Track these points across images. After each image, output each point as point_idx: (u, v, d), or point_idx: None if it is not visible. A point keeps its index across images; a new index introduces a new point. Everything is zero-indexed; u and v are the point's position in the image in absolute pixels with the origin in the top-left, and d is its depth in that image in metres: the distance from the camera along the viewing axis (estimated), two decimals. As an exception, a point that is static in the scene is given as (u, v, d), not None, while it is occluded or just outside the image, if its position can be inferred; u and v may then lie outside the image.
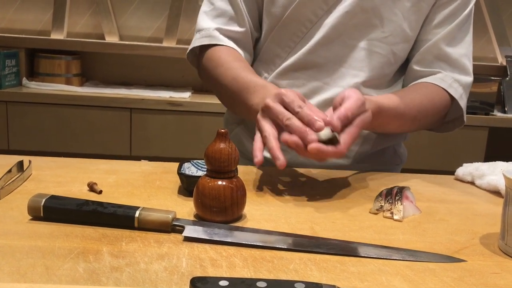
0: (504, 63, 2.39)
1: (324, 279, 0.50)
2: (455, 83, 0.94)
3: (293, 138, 0.69)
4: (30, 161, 0.79)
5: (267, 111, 0.73)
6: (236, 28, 0.96)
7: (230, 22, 0.96)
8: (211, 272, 0.50)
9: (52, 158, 0.87)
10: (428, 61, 0.95)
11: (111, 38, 2.39)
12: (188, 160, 0.79)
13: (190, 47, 0.98)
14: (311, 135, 0.68)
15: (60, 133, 2.12)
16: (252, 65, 1.00)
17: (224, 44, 0.94)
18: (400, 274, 0.52)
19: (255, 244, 0.56)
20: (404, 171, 0.96)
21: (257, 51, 1.01)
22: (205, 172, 0.64)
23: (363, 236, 0.62)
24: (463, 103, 0.95)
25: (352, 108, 0.70)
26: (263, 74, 0.99)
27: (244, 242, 0.56)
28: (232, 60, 0.91)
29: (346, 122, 0.70)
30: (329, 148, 0.68)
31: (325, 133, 0.68)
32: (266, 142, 0.71)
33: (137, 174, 0.81)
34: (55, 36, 2.34)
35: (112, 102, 2.11)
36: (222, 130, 0.63)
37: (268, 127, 0.72)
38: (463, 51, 0.95)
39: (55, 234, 0.56)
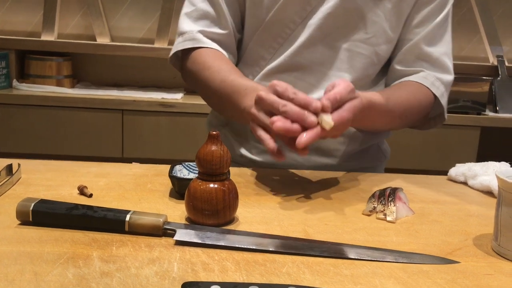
0: (495, 63, 2.40)
1: (317, 283, 0.49)
2: (437, 81, 0.95)
3: (288, 125, 0.68)
4: (19, 165, 0.78)
5: (261, 103, 0.72)
6: (219, 30, 0.95)
7: (212, 24, 0.95)
8: (203, 277, 0.49)
9: (42, 161, 0.86)
10: (409, 60, 0.96)
11: (102, 39, 2.37)
12: (180, 162, 0.78)
13: (173, 50, 0.97)
14: (310, 117, 0.68)
15: (51, 135, 2.10)
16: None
17: (209, 46, 0.93)
18: (394, 276, 0.52)
19: (247, 247, 0.56)
20: (396, 171, 0.96)
21: (240, 53, 1.00)
22: (197, 175, 0.63)
23: (356, 238, 0.61)
24: (444, 101, 0.97)
25: (341, 92, 0.71)
26: (248, 76, 0.98)
27: (236, 246, 0.56)
28: (219, 63, 0.90)
29: (336, 105, 0.70)
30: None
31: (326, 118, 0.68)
32: (271, 130, 0.70)
33: (128, 177, 0.80)
34: (45, 37, 2.32)
35: (104, 104, 2.10)
36: (214, 132, 0.62)
37: (265, 117, 0.71)
38: (443, 50, 0.97)
39: (44, 239, 0.56)
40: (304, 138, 0.67)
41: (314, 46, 0.92)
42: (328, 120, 0.68)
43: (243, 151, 1.00)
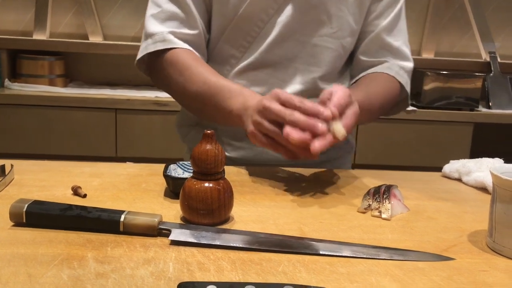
0: (488, 59, 2.41)
1: (313, 281, 0.49)
2: (401, 70, 1.00)
3: (303, 136, 0.69)
4: (12, 165, 0.77)
5: (266, 112, 0.72)
6: (189, 30, 0.94)
7: (182, 25, 0.93)
8: (198, 277, 0.49)
9: (35, 162, 0.86)
10: (373, 51, 1.01)
11: (95, 38, 2.36)
12: (174, 161, 0.78)
13: (143, 53, 0.94)
14: (321, 125, 0.69)
15: (44, 135, 2.09)
16: None
17: (181, 47, 0.92)
18: (390, 274, 0.52)
19: (243, 246, 0.56)
20: (390, 168, 0.96)
21: (208, 53, 1.00)
22: (191, 174, 0.63)
23: (352, 235, 0.61)
24: (408, 88, 1.02)
25: (344, 98, 0.73)
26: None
27: (232, 245, 0.56)
28: (196, 64, 0.90)
29: (341, 111, 0.72)
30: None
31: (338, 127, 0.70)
32: (280, 139, 0.71)
33: (122, 177, 0.80)
34: (37, 36, 2.31)
35: (97, 103, 2.08)
36: (209, 131, 0.62)
37: (270, 126, 0.72)
38: (402, 39, 1.02)
39: (38, 240, 0.55)
40: (317, 146, 0.68)
41: (283, 43, 0.94)
42: (340, 128, 0.70)
43: None
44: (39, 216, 0.58)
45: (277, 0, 0.92)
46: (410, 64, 1.02)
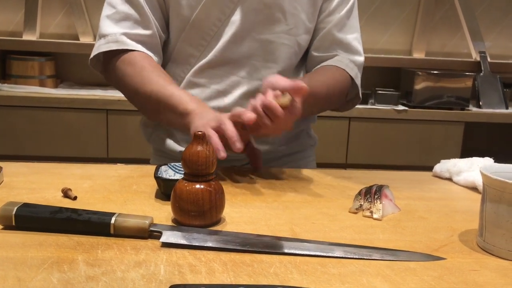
0: (478, 59, 2.42)
1: (305, 282, 0.49)
2: (351, 63, 1.03)
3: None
4: (1, 167, 0.76)
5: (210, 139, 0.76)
6: (142, 31, 0.95)
7: (135, 26, 0.95)
8: (190, 279, 0.49)
9: (25, 164, 0.85)
10: (325, 46, 1.04)
11: (86, 39, 2.35)
12: (165, 163, 0.77)
13: (95, 52, 0.96)
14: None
15: (34, 137, 2.07)
16: (165, 67, 1.02)
17: (134, 48, 0.94)
18: (381, 274, 0.52)
19: (234, 248, 0.55)
20: (381, 168, 0.97)
21: (169, 53, 1.02)
22: (183, 175, 0.63)
23: (343, 236, 0.61)
24: (358, 81, 1.04)
25: (279, 78, 0.80)
26: (180, 74, 1.00)
27: (223, 246, 0.56)
28: (149, 69, 0.92)
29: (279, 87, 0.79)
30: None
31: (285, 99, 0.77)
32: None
33: (113, 179, 0.79)
34: (27, 37, 2.29)
35: (88, 104, 2.07)
36: (199, 133, 0.62)
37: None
38: (354, 35, 1.05)
39: (28, 243, 0.55)
40: (249, 116, 0.76)
41: (241, 41, 0.96)
42: (286, 97, 0.77)
43: (184, 148, 1.02)
44: (28, 219, 0.58)
45: (232, 0, 0.94)
46: (361, 58, 1.05)
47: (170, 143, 1.03)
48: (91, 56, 0.98)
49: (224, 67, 0.97)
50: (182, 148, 1.03)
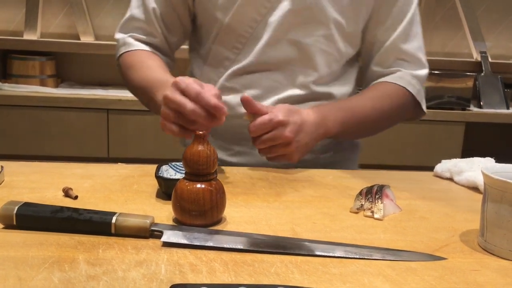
0: (479, 59, 2.42)
1: (306, 282, 0.49)
2: (413, 79, 0.99)
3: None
4: (2, 167, 0.76)
5: (169, 103, 0.73)
6: (147, 38, 0.99)
7: (142, 31, 0.99)
8: (191, 278, 0.49)
9: (26, 163, 0.85)
10: (389, 61, 0.99)
11: (86, 38, 2.35)
12: (166, 162, 0.77)
13: (116, 59, 1.01)
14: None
15: (35, 136, 2.07)
16: (201, 72, 1.01)
17: (138, 48, 0.97)
18: (382, 274, 0.52)
19: (235, 247, 0.55)
20: (382, 167, 0.96)
21: (204, 56, 1.00)
22: (183, 175, 0.63)
23: (344, 236, 0.61)
24: (420, 97, 1.00)
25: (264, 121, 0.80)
26: (214, 78, 0.98)
27: (224, 246, 0.55)
28: (142, 61, 0.94)
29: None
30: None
31: None
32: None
33: (114, 178, 0.79)
34: (28, 36, 2.29)
35: (88, 103, 2.07)
36: (200, 132, 0.62)
37: (178, 116, 0.73)
38: (417, 44, 1.00)
39: (29, 243, 0.55)
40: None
41: (278, 44, 0.93)
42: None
43: (218, 154, 1.01)
44: (29, 218, 0.58)
45: None
46: (424, 71, 1.01)
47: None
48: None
49: (260, 72, 0.94)
50: (225, 158, 1.00)
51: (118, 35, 1.01)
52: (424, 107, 1.03)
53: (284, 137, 0.81)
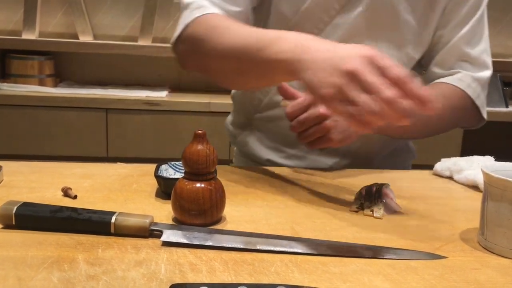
0: (479, 57, 2.42)
1: (306, 281, 0.49)
2: (473, 82, 0.92)
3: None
4: (1, 166, 0.76)
5: (355, 77, 0.57)
6: (231, 6, 0.83)
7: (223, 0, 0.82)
8: (190, 278, 0.48)
9: (25, 163, 0.85)
10: (450, 62, 0.94)
11: (85, 38, 2.34)
12: (165, 161, 0.77)
13: (181, 27, 0.81)
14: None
15: (34, 136, 2.07)
16: None
17: (216, 12, 0.80)
18: (382, 273, 0.52)
19: (235, 246, 0.55)
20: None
21: None
22: (183, 174, 0.63)
23: (344, 235, 0.61)
24: (480, 102, 0.94)
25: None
26: None
27: (224, 245, 0.55)
28: (229, 22, 0.77)
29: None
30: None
31: None
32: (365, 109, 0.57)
33: (113, 178, 0.79)
34: (26, 36, 2.29)
35: (88, 103, 2.07)
36: (200, 131, 0.61)
37: (364, 95, 0.57)
38: (483, 47, 0.94)
39: (28, 243, 0.54)
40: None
41: None
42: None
43: (270, 156, 0.97)
44: (28, 218, 0.58)
45: (339, 0, 0.86)
46: (487, 73, 0.94)
47: (257, 148, 0.97)
48: (176, 33, 0.82)
49: None
50: (269, 156, 0.97)
51: None
52: (484, 113, 0.96)
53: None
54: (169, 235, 0.56)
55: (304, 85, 0.62)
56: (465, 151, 2.20)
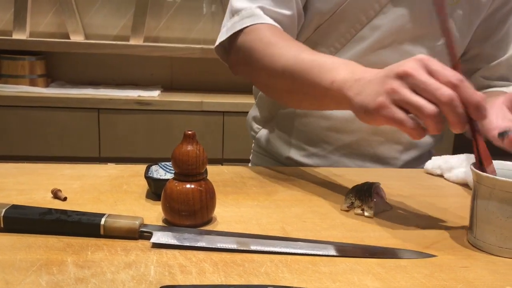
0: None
1: (296, 281, 0.49)
2: None
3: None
4: (-10, 169, 0.76)
5: (408, 79, 0.56)
6: (282, 10, 0.81)
7: (275, 2, 0.82)
8: (180, 280, 0.48)
9: (15, 164, 0.84)
10: (498, 74, 0.94)
11: (76, 37, 2.33)
12: (156, 162, 0.77)
13: (228, 33, 0.82)
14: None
15: (25, 137, 2.06)
16: None
17: (267, 22, 0.80)
18: (372, 272, 0.52)
19: (225, 247, 0.55)
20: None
21: None
22: (173, 175, 0.63)
23: (334, 234, 0.61)
24: None
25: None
26: None
27: (214, 246, 0.55)
28: (283, 38, 0.77)
29: None
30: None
31: None
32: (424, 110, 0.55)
33: (104, 179, 0.79)
34: (17, 36, 2.27)
35: (79, 103, 2.06)
36: (189, 132, 0.61)
37: (416, 96, 0.55)
38: None
39: (17, 246, 0.54)
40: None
41: (381, 50, 0.86)
42: None
43: (291, 153, 0.96)
44: (17, 221, 0.57)
45: (380, 1, 0.83)
46: None
47: (277, 144, 0.96)
48: (222, 39, 0.83)
49: None
50: (290, 154, 0.96)
51: (242, 4, 0.82)
52: None
53: None
54: (159, 237, 0.56)
55: (355, 111, 0.61)
56: (457, 149, 2.21)
